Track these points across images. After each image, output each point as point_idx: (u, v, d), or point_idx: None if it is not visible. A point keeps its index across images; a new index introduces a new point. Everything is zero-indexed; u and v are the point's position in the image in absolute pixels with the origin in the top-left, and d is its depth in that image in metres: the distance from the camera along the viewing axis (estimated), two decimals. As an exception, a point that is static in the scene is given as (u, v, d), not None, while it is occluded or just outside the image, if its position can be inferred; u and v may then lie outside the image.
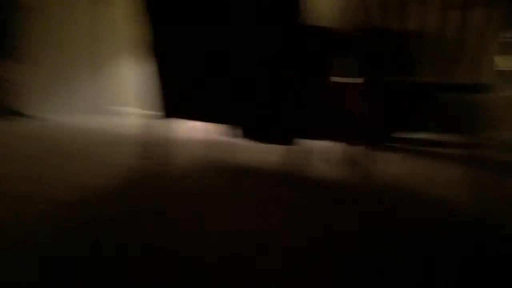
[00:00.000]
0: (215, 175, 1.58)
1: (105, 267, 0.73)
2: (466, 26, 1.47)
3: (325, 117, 1.56)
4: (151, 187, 1.34)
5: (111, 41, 3.87)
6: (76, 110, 3.67)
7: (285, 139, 1.52)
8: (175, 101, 1.68)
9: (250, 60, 1.46)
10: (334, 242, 0.93)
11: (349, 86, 1.52)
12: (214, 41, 1.49)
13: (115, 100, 3.93)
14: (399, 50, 1.44)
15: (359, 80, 1.46)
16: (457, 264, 0.84)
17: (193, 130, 2.89)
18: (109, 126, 2.93)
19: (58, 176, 1.39)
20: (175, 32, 1.60)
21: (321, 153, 2.03)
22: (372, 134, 1.47)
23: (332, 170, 1.70)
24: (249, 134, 1.58)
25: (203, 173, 1.60)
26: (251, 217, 1.09)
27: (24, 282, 0.67)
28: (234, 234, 0.94)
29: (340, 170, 1.63)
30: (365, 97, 1.45)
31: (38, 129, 2.59)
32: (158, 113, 1.69)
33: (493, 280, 0.78)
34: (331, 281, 0.74)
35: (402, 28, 1.43)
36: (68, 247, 0.80)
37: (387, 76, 1.44)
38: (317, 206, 1.24)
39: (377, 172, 1.67)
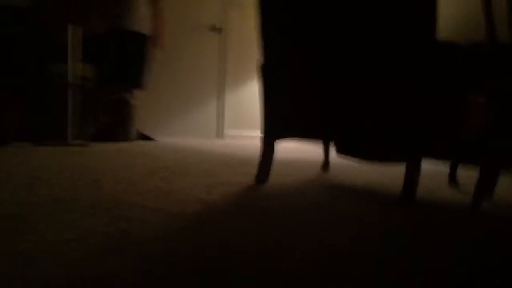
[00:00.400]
0: (324, 194, 1.56)
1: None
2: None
3: (448, 135, 1.40)
4: (264, 204, 1.33)
5: (230, 66, 4.11)
6: (197, 133, 3.90)
7: (392, 157, 1.43)
8: (279, 121, 1.68)
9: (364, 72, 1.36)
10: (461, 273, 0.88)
11: (477, 104, 1.35)
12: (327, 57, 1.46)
13: (235, 123, 4.18)
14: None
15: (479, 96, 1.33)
16: None
17: (295, 149, 3.04)
18: (228, 148, 3.12)
19: (175, 190, 1.43)
20: (284, 54, 1.61)
21: (439, 176, 1.93)
22: (501, 157, 1.32)
23: (458, 195, 1.60)
24: (350, 150, 1.52)
25: (311, 192, 1.58)
26: (369, 237, 1.05)
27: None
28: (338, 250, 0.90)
29: (467, 196, 1.41)
30: (493, 115, 1.30)
31: (160, 149, 2.78)
32: (266, 134, 1.70)
33: None
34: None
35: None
36: (199, 258, 0.79)
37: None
38: (438, 233, 1.18)
39: None
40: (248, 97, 4.22)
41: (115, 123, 3.19)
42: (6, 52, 2.83)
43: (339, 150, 1.81)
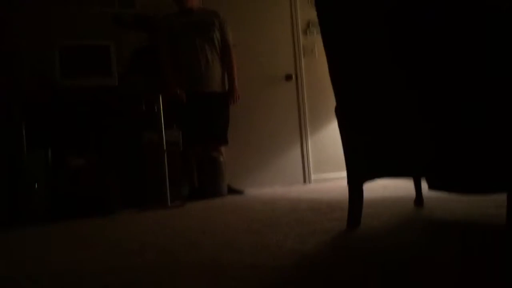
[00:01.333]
0: (427, 232, 1.53)
1: None
2: None
3: None
4: (362, 250, 1.33)
5: (309, 111, 4.22)
6: (283, 181, 3.96)
7: (491, 187, 1.33)
8: (363, 163, 1.68)
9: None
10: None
11: None
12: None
13: (320, 167, 4.23)
14: None
15: None
16: None
17: (383, 186, 2.99)
18: (315, 192, 3.14)
19: (269, 243, 1.47)
20: (361, 95, 1.63)
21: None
22: None
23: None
24: (444, 184, 1.46)
25: (410, 232, 1.56)
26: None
27: None
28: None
29: None
30: None
31: (249, 201, 2.89)
32: (352, 177, 1.70)
33: None
34: None
35: None
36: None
37: None
38: None
39: None
40: (330, 139, 4.22)
41: (207, 181, 3.37)
42: (109, 126, 3.18)
43: (432, 186, 1.74)
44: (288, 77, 3.97)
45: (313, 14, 4.22)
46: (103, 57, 3.17)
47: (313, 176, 4.16)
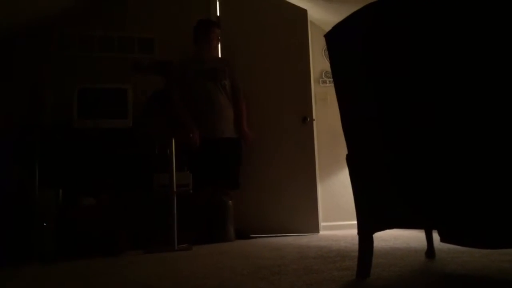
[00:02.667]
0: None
1: None
2: None
3: None
4: None
5: (321, 160, 4.29)
6: (293, 228, 3.80)
7: (507, 242, 1.30)
8: (373, 213, 1.65)
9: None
10: None
11: None
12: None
13: (330, 215, 4.23)
14: None
15: None
16: None
17: (391, 237, 2.96)
18: (325, 240, 3.12)
19: None
20: (371, 145, 1.63)
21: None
22: None
23: None
24: (457, 238, 1.43)
25: (417, 282, 1.54)
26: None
27: None
28: None
29: None
30: None
31: (257, 247, 2.85)
32: (362, 227, 1.68)
33: None
34: None
35: None
36: None
37: None
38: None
39: None
40: (341, 187, 4.20)
41: (215, 225, 3.34)
42: (116, 167, 3.22)
43: (444, 239, 1.70)
44: (303, 120, 3.91)
45: (326, 64, 4.37)
46: (120, 100, 3.27)
47: (323, 224, 4.10)
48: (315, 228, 3.84)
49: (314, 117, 4.02)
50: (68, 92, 3.24)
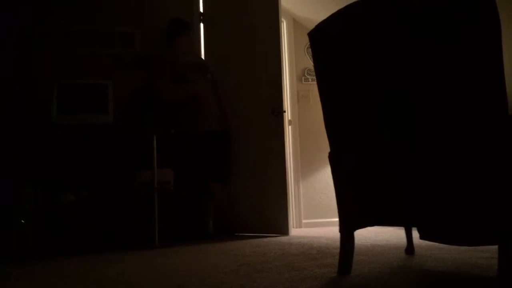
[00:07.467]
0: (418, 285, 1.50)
1: None
2: None
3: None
4: None
5: (304, 157, 4.26)
6: (275, 225, 3.53)
7: (484, 240, 1.31)
8: (354, 210, 1.67)
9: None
10: None
11: None
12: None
13: (312, 212, 4.23)
14: None
15: None
16: None
17: (372, 234, 2.97)
18: (306, 238, 3.12)
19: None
20: (352, 142, 1.65)
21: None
22: None
23: None
24: (435, 234, 1.44)
25: (403, 283, 1.53)
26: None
27: None
28: None
29: None
30: None
31: (239, 245, 2.82)
32: (343, 224, 1.69)
33: None
34: None
35: None
36: None
37: None
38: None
39: None
40: (323, 185, 4.23)
41: (196, 221, 3.32)
42: (96, 163, 3.17)
43: (423, 236, 1.73)
44: (275, 112, 3.47)
45: (308, 63, 4.38)
46: (100, 96, 3.21)
47: (305, 221, 4.13)
48: (295, 225, 3.79)
49: (288, 111, 3.95)
50: (47, 87, 3.17)
